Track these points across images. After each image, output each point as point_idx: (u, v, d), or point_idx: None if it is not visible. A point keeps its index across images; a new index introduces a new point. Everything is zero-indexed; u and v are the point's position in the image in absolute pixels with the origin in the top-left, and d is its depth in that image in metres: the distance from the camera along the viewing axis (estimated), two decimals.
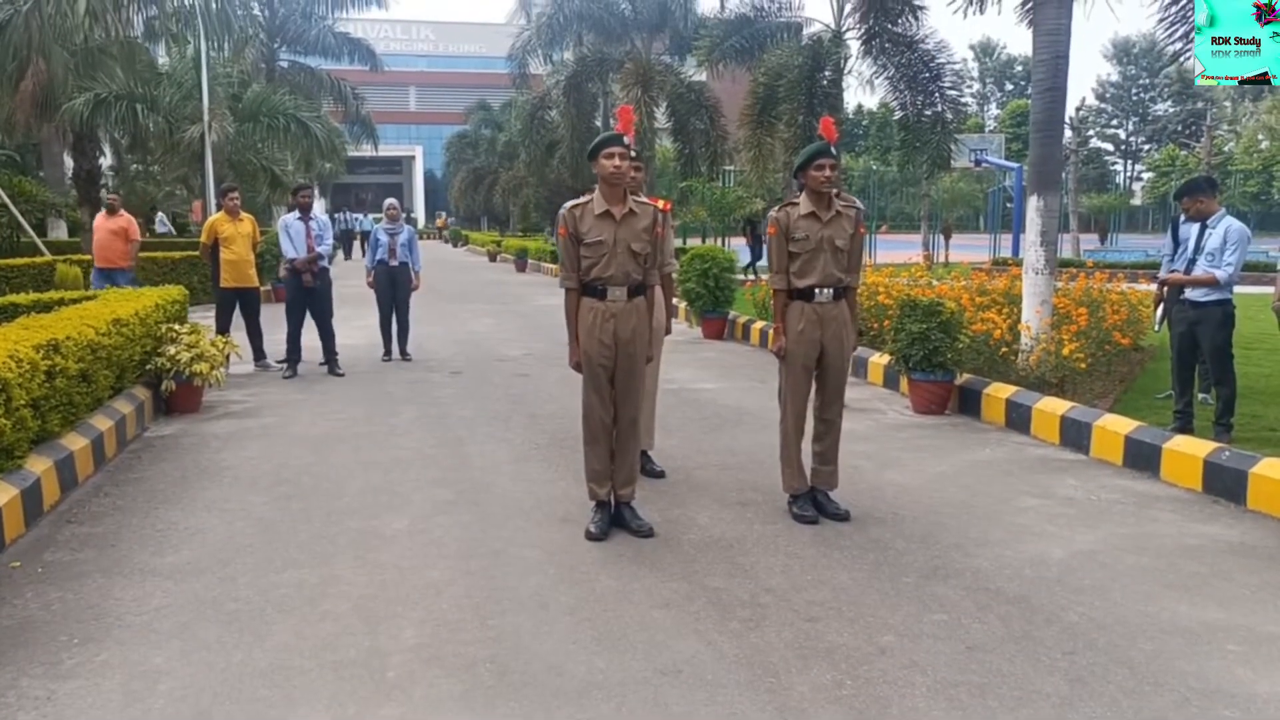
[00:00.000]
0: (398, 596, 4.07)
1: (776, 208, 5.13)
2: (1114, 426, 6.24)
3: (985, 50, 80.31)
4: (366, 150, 36.12)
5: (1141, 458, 5.96)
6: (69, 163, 21.86)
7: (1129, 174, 73.00)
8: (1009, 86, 79.33)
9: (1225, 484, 5.35)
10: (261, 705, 3.18)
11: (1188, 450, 5.67)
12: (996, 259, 25.35)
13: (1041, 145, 8.51)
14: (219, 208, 11.61)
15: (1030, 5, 8.37)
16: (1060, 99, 8.51)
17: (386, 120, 53.83)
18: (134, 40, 19.36)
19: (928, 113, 12.60)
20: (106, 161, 27.27)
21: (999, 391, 7.41)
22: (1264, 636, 3.66)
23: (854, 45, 12.58)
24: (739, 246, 22.46)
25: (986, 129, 64.22)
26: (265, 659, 3.51)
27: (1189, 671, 3.36)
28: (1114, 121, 74.74)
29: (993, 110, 76.24)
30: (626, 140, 4.71)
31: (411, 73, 67.38)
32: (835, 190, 5.06)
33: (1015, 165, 31.54)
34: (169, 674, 3.40)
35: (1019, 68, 75.77)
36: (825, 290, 4.99)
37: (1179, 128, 68.22)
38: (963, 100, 12.79)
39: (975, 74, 78.35)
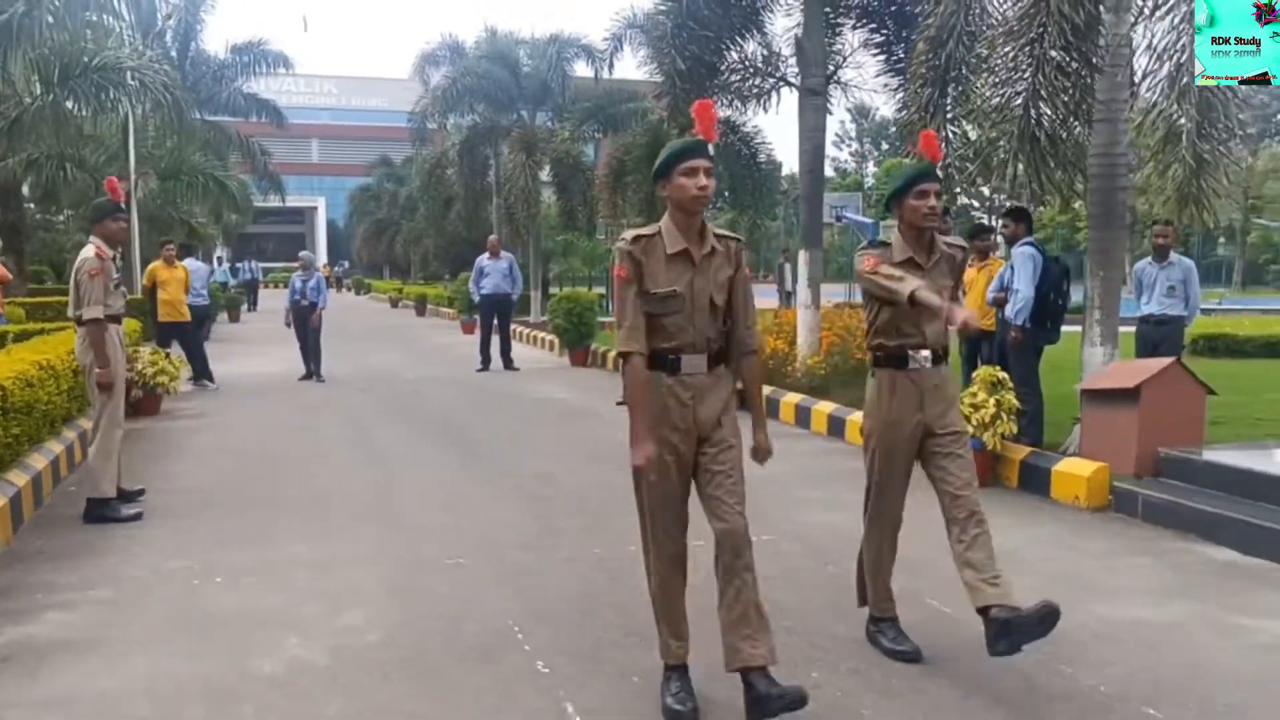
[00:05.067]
0: (324, 491, 6.60)
1: (863, 247, 3.99)
2: (821, 409, 9.10)
3: (861, 112, 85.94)
4: (270, 201, 37.93)
5: (835, 428, 8.80)
6: None
7: (994, 227, 79.19)
8: (884, 146, 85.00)
9: None
10: (251, 535, 5.66)
11: (857, 420, 8.52)
12: (844, 302, 28.78)
13: (808, 213, 11.47)
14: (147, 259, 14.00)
15: (797, 109, 11.33)
16: (819, 179, 11.50)
17: (289, 171, 55.27)
18: (62, 104, 21.30)
19: (748, 182, 15.77)
20: None
21: (763, 391, 10.23)
22: (834, 501, 6.44)
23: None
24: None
25: (866, 185, 69.07)
26: (253, 525, 5.99)
27: (777, 511, 6.07)
28: (978, 179, 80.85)
29: (870, 168, 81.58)
30: (711, 150, 3.39)
31: (314, 125, 69.19)
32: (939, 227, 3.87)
33: (870, 221, 35.25)
34: (198, 537, 5.86)
35: (894, 129, 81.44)
36: (924, 353, 3.86)
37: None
38: (778, 173, 15.97)
39: (853, 134, 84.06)
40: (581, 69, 22.81)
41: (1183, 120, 5.93)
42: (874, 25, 11.41)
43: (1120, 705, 3.52)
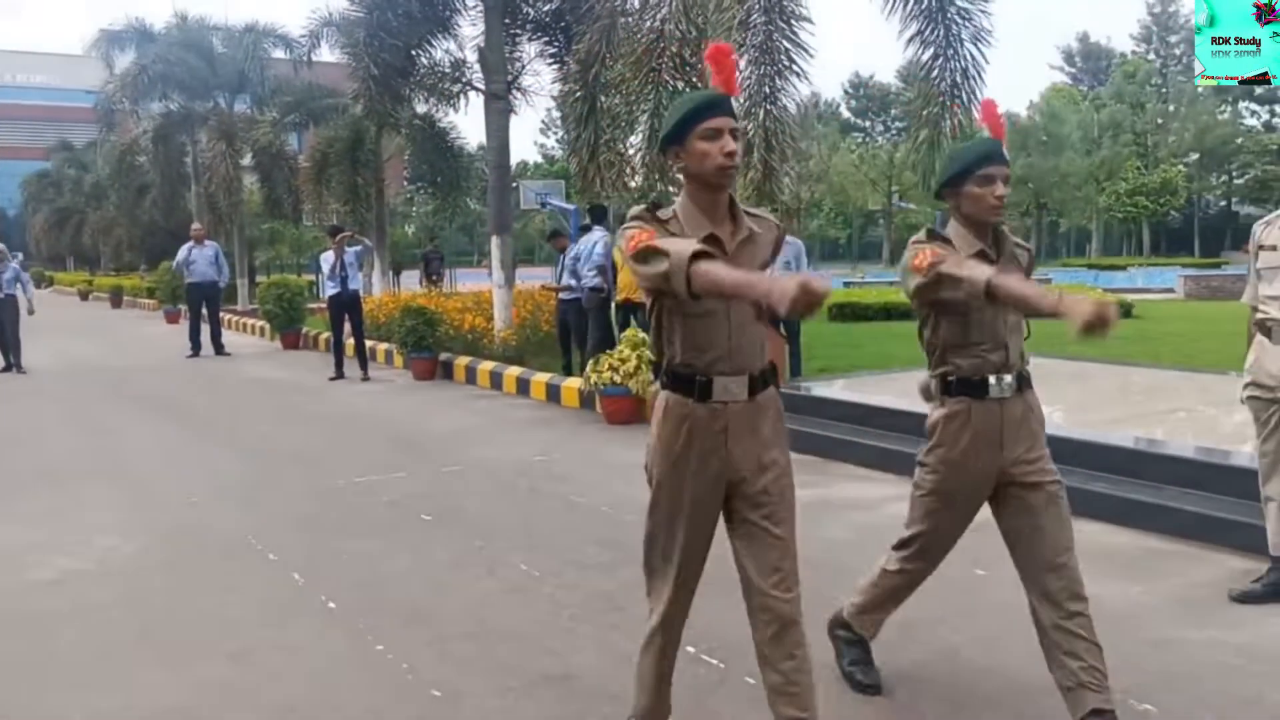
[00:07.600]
0: (54, 461, 7.36)
1: (916, 239, 2.97)
2: (511, 373, 10.67)
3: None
4: None
5: (522, 388, 10.41)
6: None
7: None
8: None
9: (549, 394, 9.87)
10: (17, 481, 6.45)
11: (542, 380, 10.16)
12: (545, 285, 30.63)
13: (496, 203, 12.95)
14: None
15: (484, 111, 12.78)
16: (505, 173, 13.02)
17: None
18: None
19: (447, 172, 17.15)
20: None
21: (460, 360, 11.67)
22: (514, 441, 7.97)
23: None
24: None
25: (571, 172, 71.83)
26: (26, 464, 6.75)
27: (469, 450, 7.53)
28: (626, 182, 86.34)
29: None
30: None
31: None
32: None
33: (573, 207, 37.31)
34: None
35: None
36: (1004, 378, 3.00)
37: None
38: (477, 163, 17.44)
39: (559, 122, 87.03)
40: (282, 56, 23.07)
41: (753, 138, 7.93)
42: (547, 38, 13.04)
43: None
